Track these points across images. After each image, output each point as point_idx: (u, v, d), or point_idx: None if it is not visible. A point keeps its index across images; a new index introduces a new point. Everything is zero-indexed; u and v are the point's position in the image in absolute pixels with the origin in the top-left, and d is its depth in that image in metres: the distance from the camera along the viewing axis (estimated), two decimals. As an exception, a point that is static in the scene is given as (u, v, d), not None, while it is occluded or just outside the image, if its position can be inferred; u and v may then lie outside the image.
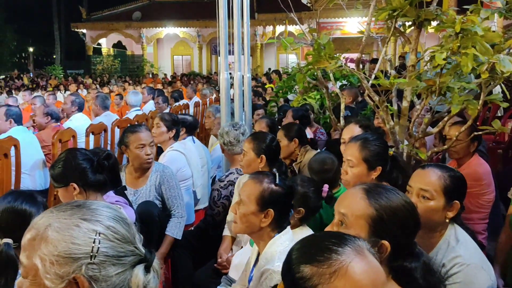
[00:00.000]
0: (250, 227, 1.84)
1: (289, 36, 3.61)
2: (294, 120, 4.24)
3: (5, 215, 1.76)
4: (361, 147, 2.13)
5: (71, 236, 0.98)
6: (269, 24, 21.40)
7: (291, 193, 1.91)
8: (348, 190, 1.47)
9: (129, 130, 3.00)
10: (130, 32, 24.22)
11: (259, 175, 1.91)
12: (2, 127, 3.93)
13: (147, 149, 2.90)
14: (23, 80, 20.86)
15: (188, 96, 9.55)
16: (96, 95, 6.10)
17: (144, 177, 2.98)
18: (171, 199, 2.97)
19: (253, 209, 1.81)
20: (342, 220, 1.36)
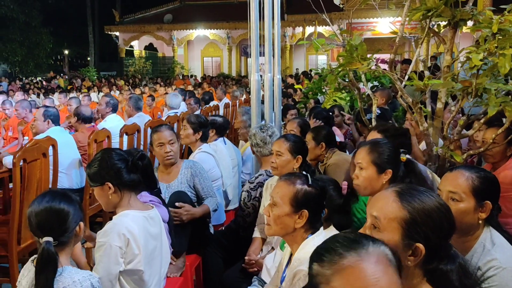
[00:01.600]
0: (284, 229, 1.84)
1: (319, 37, 3.59)
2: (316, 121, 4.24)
3: (44, 214, 1.80)
4: (370, 150, 2.13)
5: None
6: (298, 25, 21.37)
7: (323, 193, 1.91)
8: (380, 192, 1.45)
9: (153, 130, 3.16)
10: (161, 34, 24.62)
11: (291, 177, 1.91)
12: (40, 127, 4.07)
13: (166, 147, 3.02)
14: (58, 82, 21.50)
15: (218, 98, 9.64)
16: (129, 96, 6.23)
17: (174, 172, 3.10)
18: (205, 189, 3.10)
19: (287, 210, 1.82)
20: (374, 223, 1.35)
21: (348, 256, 1.01)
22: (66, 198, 1.86)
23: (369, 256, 1.01)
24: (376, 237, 1.30)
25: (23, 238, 3.11)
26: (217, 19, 23.45)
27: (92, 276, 1.85)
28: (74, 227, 1.85)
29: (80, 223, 1.88)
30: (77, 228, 1.87)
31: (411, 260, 1.29)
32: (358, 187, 2.17)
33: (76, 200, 1.90)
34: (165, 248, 2.39)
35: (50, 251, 1.75)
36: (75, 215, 1.85)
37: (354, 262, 1.00)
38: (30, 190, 3.14)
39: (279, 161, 2.75)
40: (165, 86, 14.63)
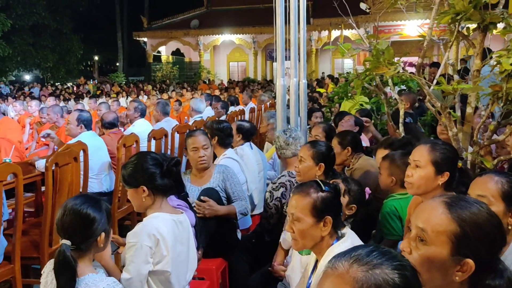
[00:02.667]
0: (312, 240, 1.82)
1: (345, 41, 3.58)
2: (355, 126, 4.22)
3: (69, 216, 1.82)
4: (431, 148, 2.07)
5: None
6: (324, 29, 21.27)
7: (338, 193, 1.91)
8: (427, 202, 1.36)
9: (188, 134, 3.24)
10: (188, 39, 24.92)
11: (302, 188, 1.89)
12: (73, 131, 4.17)
13: (200, 152, 3.09)
14: (88, 87, 22.01)
15: (244, 102, 9.68)
16: (157, 101, 6.34)
17: (207, 176, 3.17)
18: (236, 193, 3.16)
19: (311, 222, 1.81)
20: (420, 236, 1.28)
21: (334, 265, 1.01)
22: (97, 205, 1.86)
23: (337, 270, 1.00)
24: (422, 251, 1.26)
25: (55, 240, 3.19)
26: (243, 24, 23.58)
27: (116, 283, 1.86)
28: (96, 236, 1.84)
29: (102, 234, 1.85)
30: (98, 238, 1.84)
31: (458, 276, 1.22)
32: (410, 186, 2.12)
33: (107, 209, 1.90)
34: (192, 253, 2.41)
35: (65, 254, 1.75)
36: (100, 224, 1.84)
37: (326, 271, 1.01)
38: (62, 193, 3.23)
39: (301, 167, 2.77)
40: (192, 91, 14.79)
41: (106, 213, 1.89)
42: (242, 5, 24.56)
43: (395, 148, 2.83)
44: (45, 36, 24.65)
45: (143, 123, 5.26)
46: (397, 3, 2.94)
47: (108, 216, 1.90)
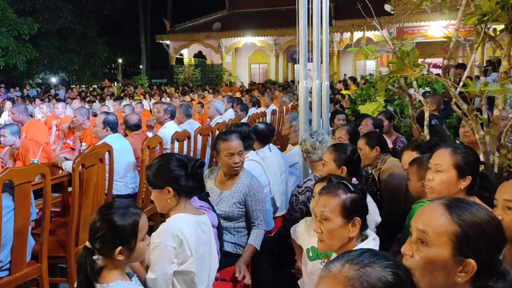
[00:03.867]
0: (340, 241, 1.83)
1: (367, 42, 3.55)
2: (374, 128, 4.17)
3: (97, 222, 1.81)
4: (452, 152, 2.04)
5: None
6: (346, 31, 21.13)
7: (365, 194, 1.92)
8: (426, 205, 1.37)
9: (221, 137, 3.04)
10: (210, 42, 25.10)
11: (330, 189, 1.91)
12: (99, 134, 4.25)
13: (236, 158, 2.95)
14: (112, 90, 22.38)
15: (265, 104, 9.69)
16: (180, 104, 6.40)
17: (231, 182, 3.06)
18: (255, 212, 3.01)
19: (340, 222, 1.82)
20: (421, 238, 1.29)
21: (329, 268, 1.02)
22: (126, 216, 1.81)
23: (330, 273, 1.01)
24: (424, 253, 1.27)
25: (81, 240, 3.26)
26: (265, 26, 23.62)
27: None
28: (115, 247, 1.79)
29: (118, 248, 1.78)
30: (116, 251, 1.78)
31: (461, 277, 1.23)
32: (431, 190, 2.09)
33: (133, 222, 1.82)
34: (214, 253, 2.43)
35: (82, 257, 1.77)
36: (121, 236, 1.79)
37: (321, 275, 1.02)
38: (88, 194, 3.29)
39: (324, 171, 2.76)
40: (214, 93, 14.88)
41: (129, 226, 1.80)
42: (264, 8, 24.62)
43: (423, 151, 2.77)
44: (71, 39, 25.18)
45: (173, 125, 5.31)
46: (422, 4, 2.91)
47: (134, 225, 1.81)
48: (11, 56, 20.10)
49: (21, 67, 20.93)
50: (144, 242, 1.87)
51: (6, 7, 19.89)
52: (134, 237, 1.81)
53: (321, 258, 2.41)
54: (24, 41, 20.66)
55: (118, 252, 1.78)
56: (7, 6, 19.94)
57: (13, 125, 4.75)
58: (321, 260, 2.42)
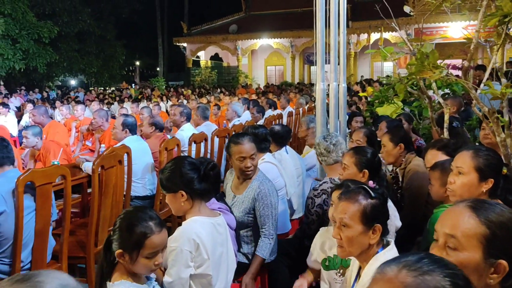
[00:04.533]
0: (359, 248, 1.78)
1: (385, 43, 3.52)
2: None
3: (119, 217, 1.86)
4: (474, 154, 2.01)
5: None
6: (363, 32, 21.00)
7: (386, 200, 1.87)
8: (450, 209, 1.35)
9: (233, 140, 2.98)
10: (227, 44, 25.21)
11: (350, 194, 1.85)
12: (118, 135, 4.30)
13: (247, 162, 2.89)
14: (130, 92, 22.63)
15: (281, 106, 9.68)
16: (197, 106, 6.43)
17: (244, 185, 3.01)
18: (263, 218, 2.90)
19: (360, 229, 1.77)
20: (450, 243, 1.27)
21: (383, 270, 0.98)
22: (139, 226, 1.79)
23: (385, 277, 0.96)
24: (454, 258, 1.24)
25: (100, 240, 3.30)
26: (281, 28, 23.62)
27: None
28: (114, 249, 1.81)
29: (119, 250, 1.78)
30: (117, 252, 1.79)
31: (493, 278, 1.21)
32: (452, 193, 2.06)
33: (140, 233, 1.78)
34: (231, 254, 2.44)
35: (104, 250, 1.83)
36: (121, 241, 1.79)
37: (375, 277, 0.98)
38: (107, 195, 3.33)
39: (345, 174, 2.72)
40: (230, 95, 14.92)
41: (136, 237, 1.77)
42: (280, 9, 24.63)
43: (450, 152, 2.70)
44: (89, 42, 25.52)
45: (190, 127, 5.34)
46: (442, 5, 2.87)
47: (138, 240, 1.77)
48: (31, 59, 20.48)
49: (41, 70, 21.30)
50: (151, 261, 1.79)
51: (27, 11, 20.28)
52: (136, 248, 1.77)
53: (337, 268, 2.40)
54: (44, 44, 21.03)
55: (118, 254, 1.78)
56: (27, 10, 20.32)
57: (35, 126, 4.84)
58: (336, 271, 2.40)
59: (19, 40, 19.90)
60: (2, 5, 19.05)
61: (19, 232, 2.67)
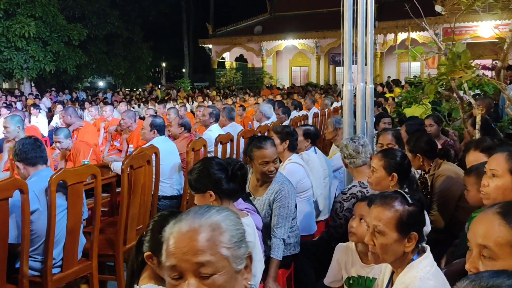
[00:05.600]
0: (393, 255, 1.73)
1: (412, 43, 3.46)
2: (407, 135, 4.05)
3: (152, 222, 1.87)
4: (509, 157, 1.95)
5: (234, 224, 1.11)
6: (390, 32, 20.72)
7: (423, 206, 1.81)
8: (480, 216, 1.32)
9: (255, 144, 2.93)
10: (252, 45, 25.29)
11: (386, 200, 1.78)
12: (146, 136, 4.36)
13: (271, 166, 2.87)
14: (156, 93, 22.96)
15: (307, 107, 9.63)
16: (223, 107, 6.47)
17: (264, 188, 2.99)
18: (277, 218, 2.88)
19: (395, 237, 1.71)
20: (484, 253, 1.24)
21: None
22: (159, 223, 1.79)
23: None
24: (490, 267, 1.21)
25: (129, 239, 3.35)
26: (306, 29, 23.54)
27: None
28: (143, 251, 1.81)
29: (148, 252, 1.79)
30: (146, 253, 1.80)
31: None
32: (486, 196, 2.02)
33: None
34: (259, 255, 2.44)
35: (135, 249, 1.84)
36: (149, 242, 1.81)
37: None
38: (136, 194, 3.38)
39: (373, 178, 2.67)
40: (254, 96, 14.95)
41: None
42: (305, 10, 24.53)
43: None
44: (117, 44, 25.98)
45: (218, 128, 5.38)
46: (474, 4, 2.81)
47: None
48: (61, 61, 21.00)
49: (71, 71, 21.81)
50: None
51: (57, 14, 20.81)
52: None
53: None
54: (74, 46, 21.53)
55: (147, 256, 1.79)
56: (58, 13, 20.85)
57: (63, 128, 4.92)
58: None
59: (49, 43, 20.43)
60: (34, 8, 19.60)
61: (51, 230, 2.74)
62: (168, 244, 1.09)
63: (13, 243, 2.63)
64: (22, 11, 19.44)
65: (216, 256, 1.05)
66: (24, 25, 19.05)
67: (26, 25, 19.06)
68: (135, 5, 27.81)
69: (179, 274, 1.06)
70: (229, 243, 1.07)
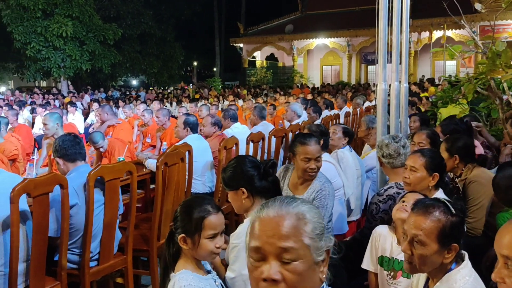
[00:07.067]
0: (431, 266, 1.68)
1: (447, 41, 3.38)
2: (444, 136, 3.95)
3: (180, 205, 1.97)
4: None
5: (317, 217, 1.14)
6: (424, 30, 20.27)
7: (465, 216, 1.77)
8: (505, 227, 1.28)
9: (299, 140, 2.95)
10: (282, 44, 25.24)
11: (427, 209, 1.69)
12: (180, 134, 4.44)
13: (312, 163, 2.87)
14: (188, 91, 23.24)
15: (338, 106, 9.55)
16: (255, 106, 6.50)
17: (304, 186, 2.99)
18: None
19: (436, 248, 1.65)
20: (508, 264, 1.21)
21: None
22: (190, 208, 1.90)
23: None
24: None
25: (162, 234, 3.40)
26: (338, 28, 23.31)
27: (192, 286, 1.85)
28: (176, 234, 1.89)
29: (182, 235, 1.86)
30: (177, 238, 1.88)
31: None
32: None
33: (197, 217, 1.87)
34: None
35: (166, 243, 1.91)
36: (180, 225, 1.88)
37: None
38: (169, 191, 3.44)
39: (412, 177, 2.60)
40: (285, 95, 14.92)
41: (195, 218, 1.86)
42: (337, 8, 24.29)
43: None
44: (150, 44, 26.42)
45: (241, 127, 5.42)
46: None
47: (197, 222, 1.86)
48: (97, 60, 21.55)
49: (106, 70, 22.35)
50: (212, 242, 1.87)
51: (93, 14, 21.35)
52: (197, 231, 1.85)
53: (388, 270, 2.34)
54: (109, 45, 22.04)
55: (181, 239, 1.86)
56: (94, 13, 21.40)
57: (97, 133, 4.97)
58: (387, 272, 2.35)
59: (86, 42, 21.00)
60: (71, 8, 20.18)
61: (89, 224, 2.82)
62: (254, 226, 1.13)
63: (52, 236, 2.73)
64: (59, 11, 20.04)
65: (299, 244, 1.08)
66: (62, 25, 19.63)
67: (64, 25, 19.64)
68: (168, 5, 28.21)
69: (262, 256, 1.10)
70: (311, 234, 1.10)
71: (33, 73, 21.48)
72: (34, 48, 19.84)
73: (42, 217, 2.57)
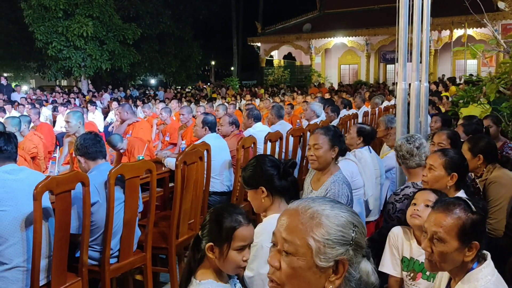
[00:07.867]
0: (452, 264, 1.68)
1: (468, 40, 3.33)
2: (467, 136, 3.89)
3: (209, 212, 1.90)
4: None
5: (338, 225, 1.10)
6: (445, 28, 19.96)
7: (486, 214, 1.74)
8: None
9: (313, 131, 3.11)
10: (300, 43, 25.13)
11: (448, 206, 1.70)
12: (198, 133, 4.47)
13: (310, 151, 2.98)
14: (206, 91, 23.34)
15: (356, 106, 9.48)
16: (272, 105, 6.50)
17: (321, 181, 3.01)
18: None
19: (456, 245, 1.65)
20: None
21: None
22: (220, 216, 1.82)
23: None
24: None
25: (181, 232, 3.44)
26: (356, 26, 23.09)
27: None
28: (203, 242, 1.82)
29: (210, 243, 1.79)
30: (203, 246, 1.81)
31: None
32: None
33: (228, 226, 1.80)
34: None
35: (192, 248, 1.85)
36: (208, 233, 1.81)
37: None
38: (188, 189, 3.47)
39: (430, 176, 2.59)
40: (303, 95, 14.87)
41: (226, 228, 1.79)
42: (355, 7, 24.07)
43: None
44: (169, 43, 26.59)
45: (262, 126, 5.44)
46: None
47: (228, 232, 1.79)
48: (117, 59, 21.79)
49: (125, 70, 22.58)
50: (240, 254, 1.80)
51: (113, 14, 21.58)
52: (226, 241, 1.78)
53: (408, 271, 2.33)
54: (128, 45, 22.26)
55: (209, 247, 1.79)
56: (113, 13, 21.63)
57: (115, 136, 5.03)
58: (407, 273, 2.33)
59: (106, 42, 21.24)
60: (91, 8, 20.43)
61: (109, 222, 2.86)
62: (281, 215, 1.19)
63: (74, 233, 2.78)
64: (80, 11, 20.30)
65: (301, 241, 1.09)
66: (83, 25, 19.88)
67: (84, 25, 19.89)
68: (186, 5, 28.34)
69: (274, 242, 1.17)
70: (320, 237, 1.09)
71: (54, 73, 21.80)
72: (55, 47, 20.13)
73: (64, 214, 2.62)
